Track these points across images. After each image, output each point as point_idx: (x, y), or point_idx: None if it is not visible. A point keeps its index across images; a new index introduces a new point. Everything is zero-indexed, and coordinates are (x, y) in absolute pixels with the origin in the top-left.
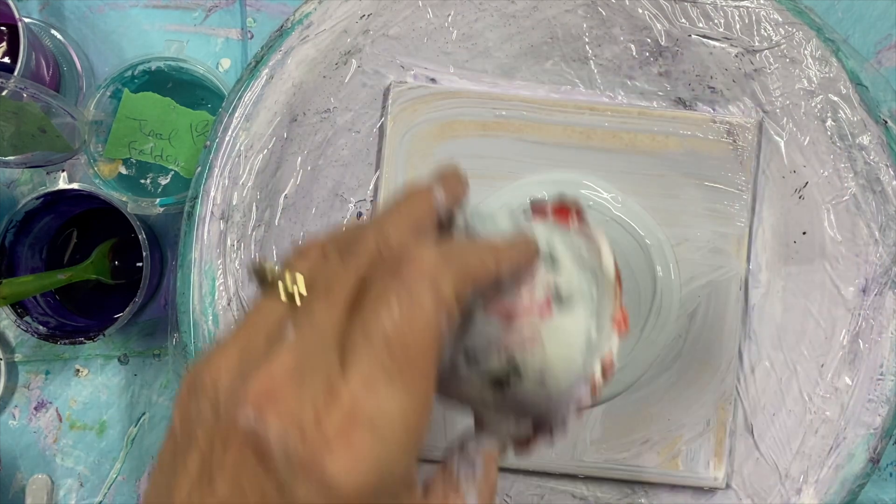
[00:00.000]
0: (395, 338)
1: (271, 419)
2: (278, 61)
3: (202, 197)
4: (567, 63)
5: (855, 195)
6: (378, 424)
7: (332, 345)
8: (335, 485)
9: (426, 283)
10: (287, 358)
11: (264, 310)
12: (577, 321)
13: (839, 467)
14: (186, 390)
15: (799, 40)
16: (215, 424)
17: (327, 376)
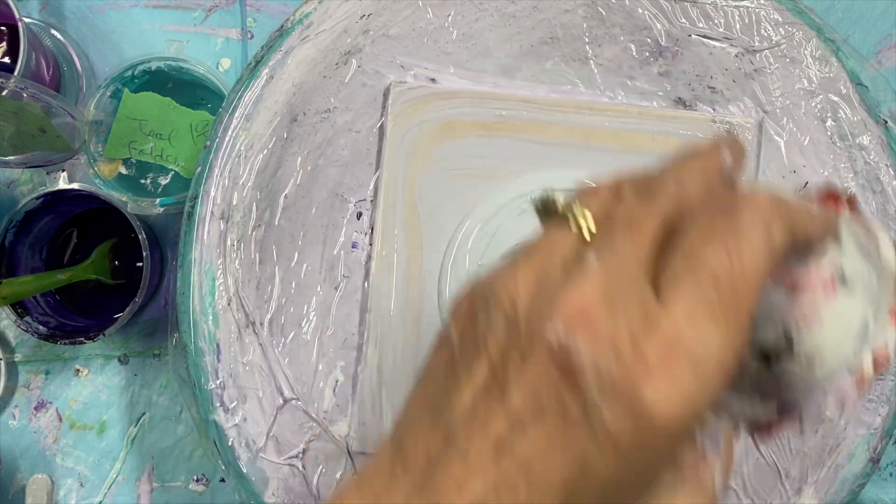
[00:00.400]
0: (724, 275)
1: (584, 337)
2: (278, 61)
3: (202, 197)
4: (567, 63)
5: (855, 195)
6: (699, 360)
7: (641, 276)
8: (650, 412)
9: (761, 225)
10: (596, 281)
11: (555, 238)
12: (857, 307)
13: (839, 467)
14: (470, 303)
15: (799, 40)
16: (511, 336)
17: (642, 305)
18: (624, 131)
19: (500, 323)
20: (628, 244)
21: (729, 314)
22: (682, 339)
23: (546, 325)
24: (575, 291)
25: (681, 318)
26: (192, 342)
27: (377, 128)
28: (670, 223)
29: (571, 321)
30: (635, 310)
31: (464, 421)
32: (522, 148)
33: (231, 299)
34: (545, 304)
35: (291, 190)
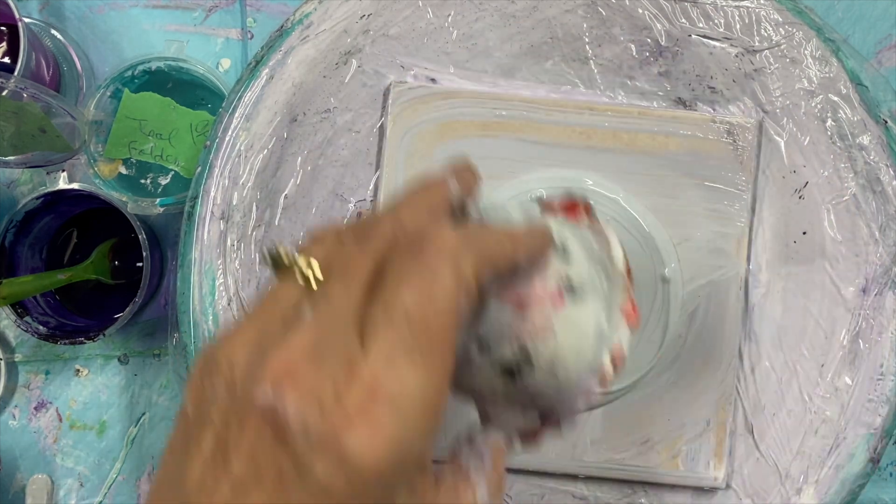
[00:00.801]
0: (417, 315)
1: (290, 395)
2: (278, 61)
3: (202, 197)
4: (567, 63)
5: (855, 195)
6: (399, 402)
7: (350, 325)
8: (355, 461)
9: (448, 261)
10: (306, 336)
11: (280, 293)
12: (588, 312)
13: (839, 467)
14: (200, 371)
15: (799, 40)
16: (231, 403)
17: (346, 354)
18: (624, 131)
19: (221, 389)
20: (341, 291)
21: (426, 352)
22: (381, 383)
23: (256, 387)
24: (283, 350)
25: (379, 363)
26: (192, 342)
27: (377, 128)
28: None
29: (279, 379)
30: (341, 360)
31: (195, 493)
32: (522, 148)
33: (231, 299)
34: (257, 364)
35: (291, 190)
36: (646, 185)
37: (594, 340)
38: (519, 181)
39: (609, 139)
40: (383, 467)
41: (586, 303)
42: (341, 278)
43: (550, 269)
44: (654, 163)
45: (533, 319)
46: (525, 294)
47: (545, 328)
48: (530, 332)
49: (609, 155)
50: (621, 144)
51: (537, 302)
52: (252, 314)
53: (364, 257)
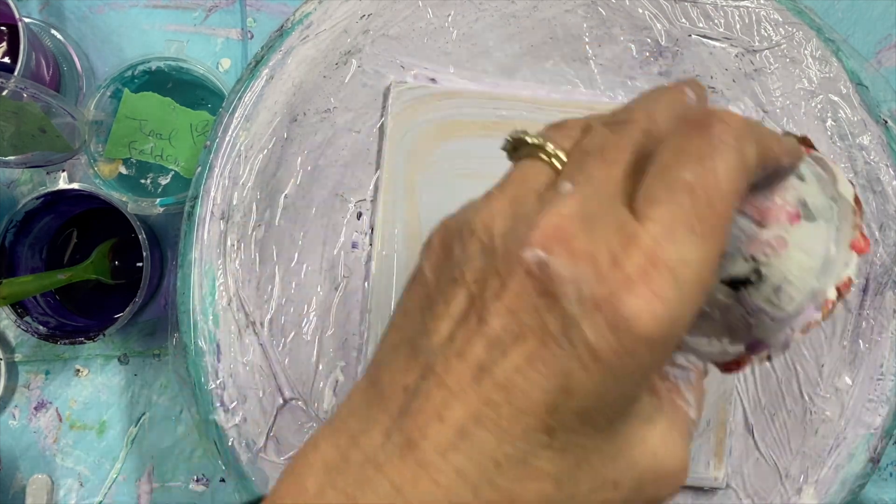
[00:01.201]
0: (701, 190)
1: (562, 255)
2: (278, 61)
3: (202, 197)
4: (567, 63)
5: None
6: (679, 272)
7: (617, 199)
8: (631, 325)
9: (733, 142)
10: (572, 203)
11: (528, 171)
12: (820, 235)
13: (839, 467)
14: (443, 237)
15: (799, 40)
16: (489, 263)
17: (620, 222)
18: None
19: (476, 252)
20: (602, 171)
21: (706, 228)
22: (661, 252)
23: (523, 246)
24: (551, 213)
25: (659, 232)
26: (192, 342)
27: (377, 128)
28: (642, 151)
29: (549, 241)
30: (613, 228)
31: (442, 351)
32: None
33: (231, 299)
34: (522, 228)
35: (291, 190)
36: None
37: (821, 265)
38: None
39: None
40: (657, 335)
41: (819, 228)
42: (600, 157)
43: (789, 187)
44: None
45: (769, 233)
46: (765, 206)
47: (780, 243)
48: (765, 245)
49: None
50: None
51: (776, 216)
52: (499, 188)
53: (623, 143)
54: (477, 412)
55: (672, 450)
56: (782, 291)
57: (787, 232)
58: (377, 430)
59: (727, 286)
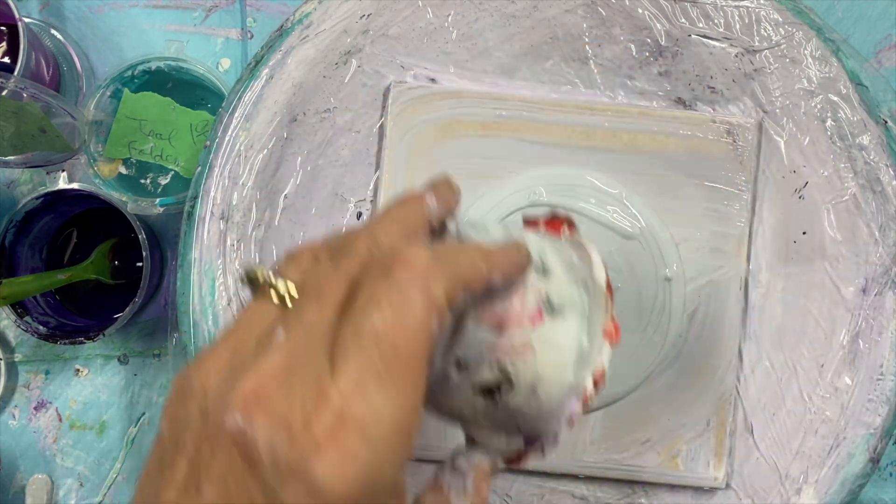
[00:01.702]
0: (385, 338)
1: (259, 421)
2: (278, 61)
3: (202, 197)
4: (567, 63)
5: (855, 195)
6: (368, 427)
7: (322, 347)
8: (323, 488)
9: (417, 283)
10: (276, 359)
11: (255, 313)
12: (568, 330)
13: (839, 467)
14: (175, 394)
15: (799, 40)
16: (203, 428)
17: (317, 378)
18: (624, 131)
19: (194, 415)
20: (314, 312)
21: (395, 375)
22: (350, 409)
23: (226, 412)
24: (253, 374)
25: (348, 387)
26: (192, 342)
27: (377, 128)
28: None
29: (248, 405)
30: (311, 385)
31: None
32: (522, 148)
33: (231, 299)
34: (228, 389)
35: (291, 190)
36: (646, 185)
37: (575, 359)
38: (518, 178)
39: (609, 139)
40: (353, 495)
41: (566, 320)
42: (315, 298)
43: (530, 286)
44: (654, 163)
45: (512, 338)
46: (503, 313)
47: (524, 347)
48: (510, 350)
49: (609, 155)
50: (621, 144)
51: (516, 321)
52: (226, 335)
53: (338, 276)
54: None
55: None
56: (537, 391)
57: (532, 333)
58: None
59: (482, 396)
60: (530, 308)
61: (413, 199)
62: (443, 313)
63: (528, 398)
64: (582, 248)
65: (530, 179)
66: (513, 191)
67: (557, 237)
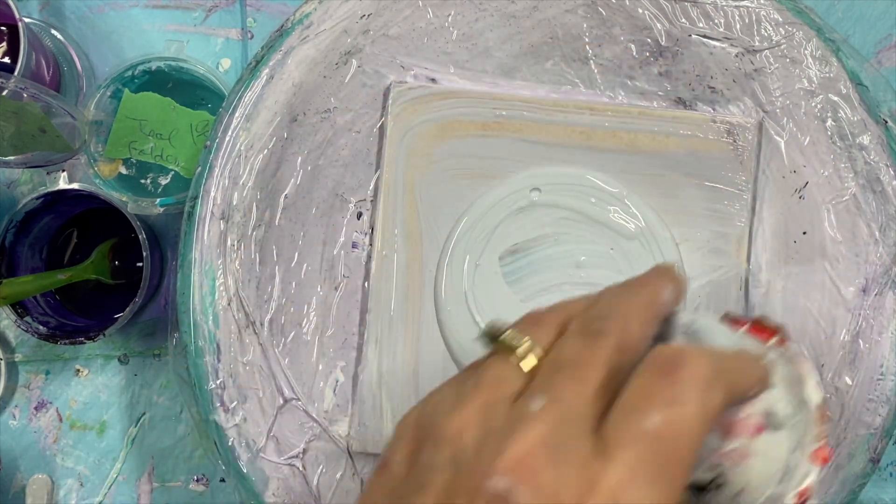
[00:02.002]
0: (664, 439)
1: (525, 489)
2: (278, 61)
3: (202, 197)
4: (567, 63)
5: (855, 195)
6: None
7: (585, 428)
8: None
9: (699, 391)
10: (540, 429)
11: (501, 370)
12: (782, 444)
13: (839, 467)
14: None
15: (799, 40)
16: (457, 478)
17: (584, 459)
18: (624, 131)
19: (446, 462)
20: (573, 391)
21: (665, 476)
22: (622, 497)
23: (492, 473)
24: (520, 440)
25: (622, 476)
26: (192, 342)
27: (377, 128)
28: (616, 366)
29: (515, 470)
30: (579, 464)
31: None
32: (522, 148)
33: (231, 299)
34: (491, 449)
35: (291, 190)
36: (646, 185)
37: (783, 472)
38: (517, 177)
39: (609, 139)
40: None
41: (783, 434)
42: (572, 374)
43: (760, 399)
44: (654, 163)
45: (733, 444)
46: (731, 421)
47: (743, 454)
48: (729, 456)
49: (609, 155)
50: (621, 144)
51: (741, 429)
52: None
53: (595, 359)
54: None
55: None
56: (741, 496)
57: (750, 442)
58: None
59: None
60: (755, 419)
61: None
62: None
63: (731, 501)
64: (795, 361)
65: (530, 179)
66: (512, 190)
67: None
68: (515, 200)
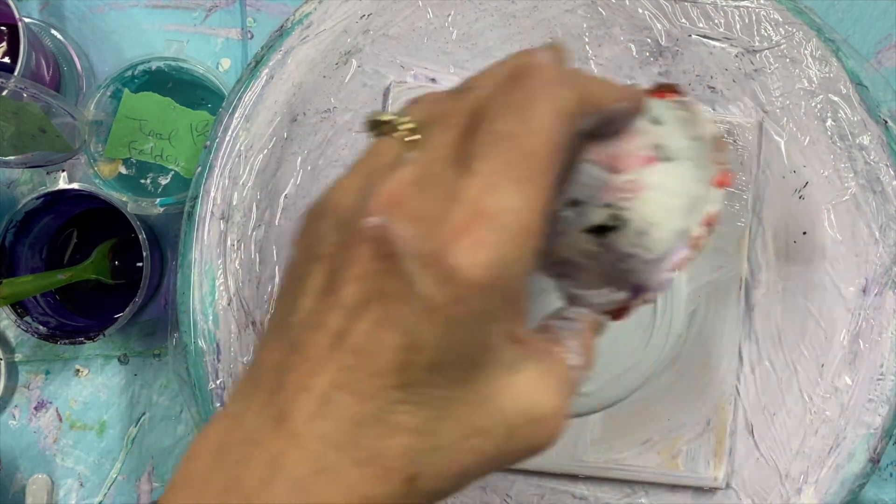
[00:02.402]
0: (517, 139)
1: (397, 220)
2: (278, 61)
3: (202, 197)
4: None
5: (855, 195)
6: (502, 219)
7: (451, 160)
8: (460, 275)
9: (548, 89)
10: (409, 171)
11: (381, 147)
12: (680, 177)
13: (839, 467)
14: (306, 220)
15: (799, 40)
16: (339, 237)
17: (450, 182)
18: None
19: (331, 228)
20: (440, 137)
21: (527, 175)
22: (484, 203)
23: (366, 215)
24: (389, 181)
25: (483, 184)
26: (192, 342)
27: None
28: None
29: (386, 207)
30: (445, 187)
31: (304, 326)
32: None
33: (231, 299)
34: (365, 198)
35: (291, 190)
36: None
37: (686, 205)
38: None
39: None
40: (486, 281)
41: (679, 167)
42: (441, 122)
43: (641, 131)
44: None
45: (624, 177)
46: (616, 153)
47: (637, 186)
48: (622, 189)
49: None
50: None
51: (629, 161)
52: (355, 166)
53: (461, 105)
54: (336, 379)
55: (543, 395)
56: (648, 234)
57: (643, 175)
58: (255, 408)
59: (592, 235)
60: (643, 150)
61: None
62: (570, 122)
63: (638, 240)
64: (689, 106)
65: None
66: None
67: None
68: None
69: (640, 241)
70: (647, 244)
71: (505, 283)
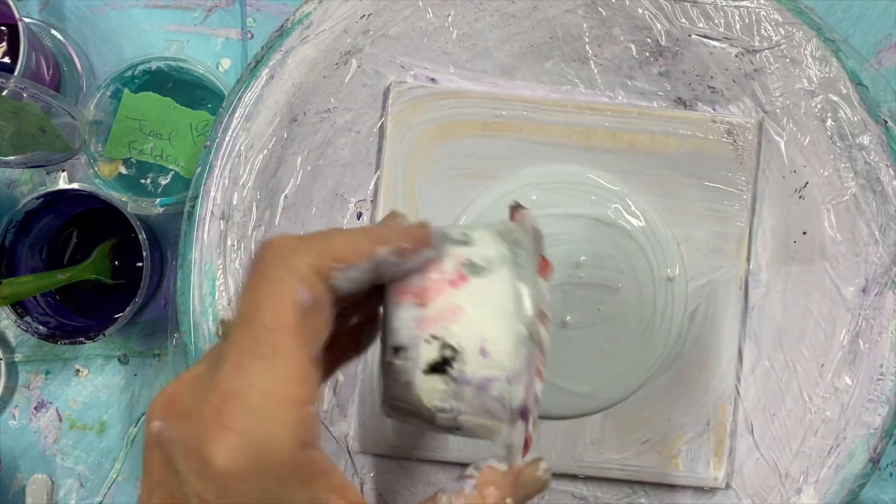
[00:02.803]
0: (253, 316)
1: (169, 420)
2: (278, 61)
3: (202, 197)
4: (567, 63)
5: (855, 195)
6: (246, 399)
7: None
8: (213, 465)
9: (278, 260)
10: (193, 370)
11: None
12: (497, 282)
13: (839, 467)
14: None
15: (799, 40)
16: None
17: (213, 373)
18: (624, 131)
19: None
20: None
21: (267, 348)
22: (230, 386)
23: (150, 421)
24: (171, 385)
25: (229, 370)
26: (193, 342)
27: (377, 128)
28: None
29: (163, 410)
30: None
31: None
32: (522, 148)
33: (231, 299)
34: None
35: (291, 190)
36: (646, 185)
37: (514, 307)
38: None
39: (609, 139)
40: (241, 464)
41: (494, 273)
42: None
43: (449, 257)
44: (654, 163)
45: (438, 305)
46: (423, 286)
47: (452, 310)
48: (438, 318)
49: (609, 155)
50: (621, 144)
51: (436, 289)
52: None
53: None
54: None
55: None
56: (489, 351)
57: (455, 297)
58: None
59: (436, 374)
60: (449, 273)
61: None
62: (310, 283)
63: (484, 362)
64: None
65: (530, 178)
66: (512, 190)
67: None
68: (514, 198)
69: (485, 363)
70: (494, 361)
71: (270, 461)
